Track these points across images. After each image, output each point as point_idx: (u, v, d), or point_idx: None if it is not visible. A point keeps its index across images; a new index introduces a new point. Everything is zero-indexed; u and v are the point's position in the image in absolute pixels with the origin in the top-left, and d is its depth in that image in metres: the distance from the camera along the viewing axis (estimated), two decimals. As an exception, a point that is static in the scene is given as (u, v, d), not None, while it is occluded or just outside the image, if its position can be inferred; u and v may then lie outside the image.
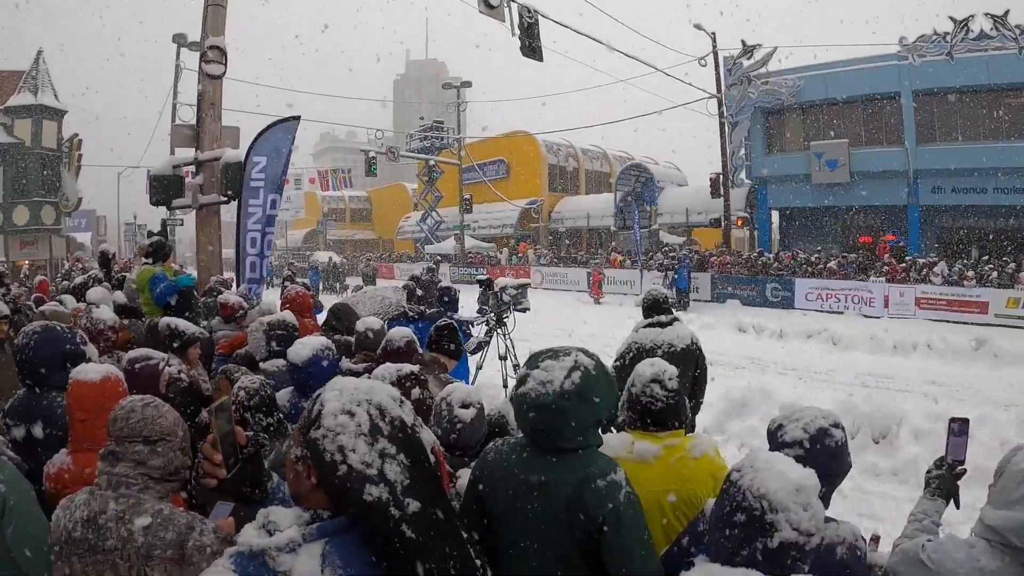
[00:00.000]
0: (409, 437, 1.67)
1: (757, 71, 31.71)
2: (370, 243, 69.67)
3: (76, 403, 2.98)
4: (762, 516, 1.87)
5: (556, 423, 2.30)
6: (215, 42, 11.32)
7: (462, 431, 2.99)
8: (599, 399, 2.34)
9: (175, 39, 27.76)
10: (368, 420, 1.63)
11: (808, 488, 1.91)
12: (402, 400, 1.75)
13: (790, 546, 1.84)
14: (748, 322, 20.73)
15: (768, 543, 1.86)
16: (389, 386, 1.72)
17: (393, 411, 1.68)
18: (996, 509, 2.20)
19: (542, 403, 2.31)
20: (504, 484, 2.37)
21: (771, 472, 1.93)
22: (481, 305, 11.04)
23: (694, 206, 36.90)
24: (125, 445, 2.53)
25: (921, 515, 2.69)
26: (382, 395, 1.70)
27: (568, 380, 2.31)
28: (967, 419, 2.82)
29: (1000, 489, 2.24)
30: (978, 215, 28.47)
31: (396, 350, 4.57)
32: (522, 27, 19.49)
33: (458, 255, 43.69)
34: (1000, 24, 25.40)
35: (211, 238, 11.84)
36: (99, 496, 2.45)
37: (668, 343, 5.70)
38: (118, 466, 2.49)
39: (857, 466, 8.05)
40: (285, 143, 11.33)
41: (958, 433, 2.79)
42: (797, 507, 1.86)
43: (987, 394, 12.36)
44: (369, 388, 1.70)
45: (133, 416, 2.57)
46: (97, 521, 2.38)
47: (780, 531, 1.85)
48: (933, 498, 2.74)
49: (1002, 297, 21.34)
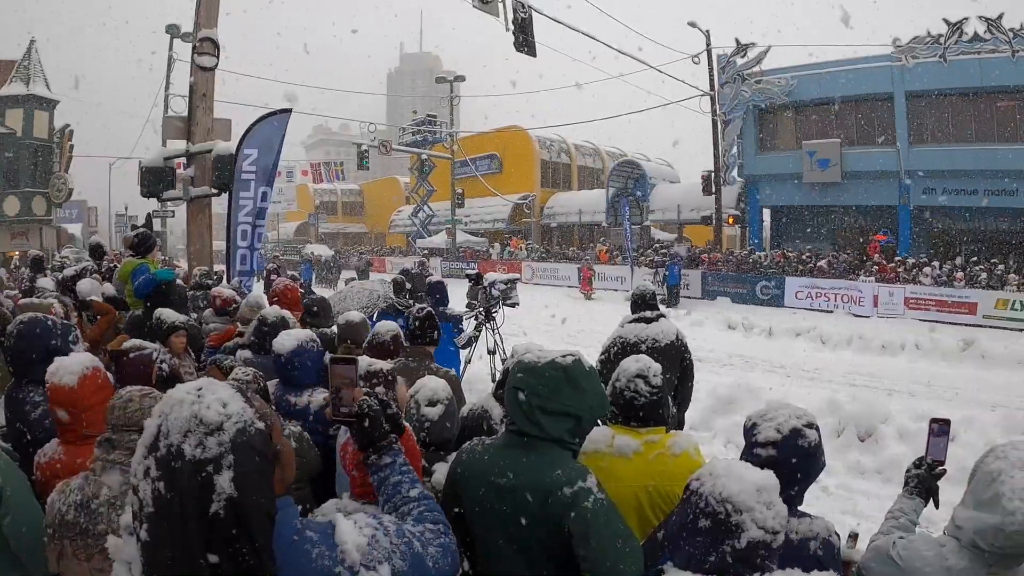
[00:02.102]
0: (173, 469, 1.48)
1: (750, 69, 31.74)
2: (362, 236, 69.55)
3: (56, 405, 2.95)
4: (727, 519, 1.91)
5: (540, 391, 2.32)
6: (208, 34, 11.30)
7: (430, 429, 3.00)
8: (585, 392, 2.36)
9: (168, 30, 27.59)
10: (152, 433, 1.53)
11: (769, 487, 1.95)
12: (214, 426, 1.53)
13: (758, 544, 1.87)
14: (738, 319, 20.82)
15: (736, 544, 1.89)
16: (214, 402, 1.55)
17: (176, 437, 1.49)
18: (965, 509, 2.22)
19: (533, 366, 2.37)
20: (476, 484, 2.39)
21: (731, 476, 1.97)
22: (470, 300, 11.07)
23: (686, 203, 36.91)
24: (121, 433, 2.60)
25: (899, 513, 2.72)
26: (185, 412, 1.53)
27: (563, 359, 2.37)
28: (948, 420, 2.85)
29: (970, 490, 2.26)
30: (969, 217, 28.53)
31: (382, 343, 4.58)
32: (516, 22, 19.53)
33: (449, 249, 43.63)
34: (994, 27, 25.44)
35: (202, 230, 11.82)
36: (93, 481, 2.52)
37: (652, 338, 5.73)
38: (113, 453, 2.57)
39: (842, 464, 8.13)
40: (277, 136, 11.33)
41: (939, 434, 2.82)
42: (761, 506, 1.90)
43: (974, 395, 12.42)
44: (179, 401, 1.55)
45: (131, 406, 2.63)
46: (90, 505, 2.45)
47: (747, 531, 1.88)
48: (912, 497, 2.77)
49: (991, 298, 21.43)
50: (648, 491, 2.86)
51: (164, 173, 11.65)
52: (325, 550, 1.65)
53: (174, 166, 12.16)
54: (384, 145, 41.80)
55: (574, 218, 45.38)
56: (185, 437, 1.49)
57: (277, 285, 7.52)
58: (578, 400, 2.34)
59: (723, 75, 32.25)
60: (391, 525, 1.83)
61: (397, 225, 58.34)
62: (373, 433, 2.12)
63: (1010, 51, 25.06)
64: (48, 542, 2.49)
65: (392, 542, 1.77)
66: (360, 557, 1.67)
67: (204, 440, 1.48)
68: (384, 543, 1.75)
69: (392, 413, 2.21)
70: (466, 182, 45.75)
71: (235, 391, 1.62)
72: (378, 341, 4.65)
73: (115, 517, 2.36)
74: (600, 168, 52.20)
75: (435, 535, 1.93)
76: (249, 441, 1.54)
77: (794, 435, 2.48)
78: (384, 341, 4.63)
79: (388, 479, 2.08)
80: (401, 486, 2.07)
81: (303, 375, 4.23)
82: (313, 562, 1.63)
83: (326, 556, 1.64)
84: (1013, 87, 25.58)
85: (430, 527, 1.95)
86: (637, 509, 2.86)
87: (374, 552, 1.71)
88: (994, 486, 2.12)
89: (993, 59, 25.53)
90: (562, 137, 51.15)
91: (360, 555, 1.67)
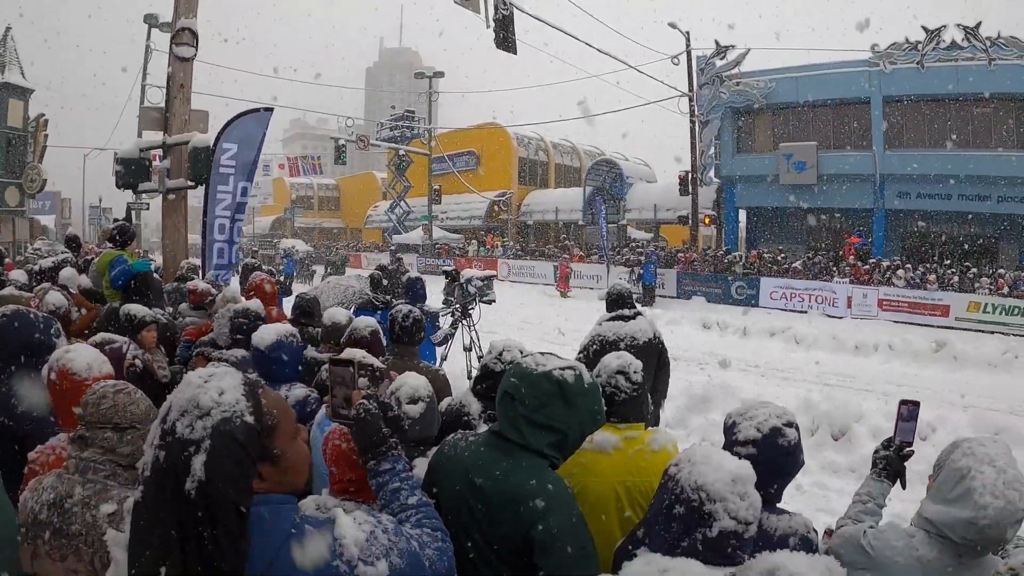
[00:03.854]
0: (167, 442, 1.55)
1: (729, 72, 31.88)
2: (338, 232, 69.29)
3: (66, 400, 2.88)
4: (700, 507, 1.92)
5: (528, 401, 2.30)
6: (187, 24, 11.16)
7: (410, 427, 2.98)
8: (578, 409, 2.32)
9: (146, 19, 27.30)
10: (166, 407, 1.62)
11: (744, 478, 1.96)
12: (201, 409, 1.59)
13: (729, 535, 1.88)
14: (713, 319, 20.92)
15: (708, 532, 1.90)
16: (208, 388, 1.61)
17: (175, 414, 1.58)
18: (934, 504, 2.29)
19: (528, 374, 2.33)
20: (453, 479, 2.38)
21: (708, 465, 1.98)
22: (447, 296, 11.05)
23: (662, 203, 37.06)
24: (95, 431, 2.51)
25: (866, 496, 2.77)
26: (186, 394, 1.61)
27: (562, 372, 2.32)
28: (918, 402, 2.87)
29: (938, 485, 2.32)
30: (942, 220, 28.92)
31: (360, 339, 4.53)
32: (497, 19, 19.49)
33: (426, 245, 43.55)
34: (971, 35, 25.75)
35: (177, 223, 11.69)
36: (66, 480, 2.44)
37: (631, 336, 5.75)
38: (87, 451, 2.48)
39: (816, 463, 8.19)
40: (258, 132, 11.24)
41: (907, 417, 2.84)
42: (734, 496, 1.91)
43: (946, 396, 12.55)
44: (189, 383, 1.64)
45: (104, 403, 2.55)
46: (63, 505, 2.37)
47: (719, 520, 1.89)
48: (879, 479, 2.81)
49: (963, 301, 21.70)
50: (627, 486, 2.87)
51: (140, 164, 11.53)
52: (323, 544, 1.65)
53: (150, 158, 12.03)
54: (362, 140, 41.67)
55: (551, 216, 45.46)
56: (181, 416, 1.57)
57: (254, 278, 7.45)
58: (567, 416, 2.31)
59: (702, 76, 32.36)
60: (389, 523, 1.83)
61: (373, 221, 58.18)
62: (372, 437, 2.12)
63: (987, 59, 25.37)
64: (21, 541, 2.42)
65: (390, 539, 1.78)
66: (359, 552, 1.68)
67: (194, 422, 1.55)
68: (383, 540, 1.76)
69: (393, 416, 2.21)
70: (443, 178, 45.76)
71: (242, 383, 1.66)
72: (357, 337, 4.59)
73: (89, 517, 2.30)
74: (578, 166, 52.31)
75: (433, 539, 1.93)
76: (231, 431, 1.56)
77: (774, 434, 2.48)
78: (363, 337, 4.58)
79: (387, 485, 2.08)
80: (400, 493, 2.06)
81: (281, 370, 4.19)
82: (310, 554, 1.62)
83: (324, 549, 1.64)
84: (989, 95, 25.87)
85: (428, 532, 1.95)
86: (616, 504, 2.87)
87: (372, 548, 1.71)
88: (964, 483, 2.19)
89: (970, 67, 25.86)
90: (540, 135, 51.19)
91: (358, 550, 1.68)
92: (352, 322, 5.16)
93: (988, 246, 28.38)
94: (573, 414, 2.32)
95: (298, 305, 6.74)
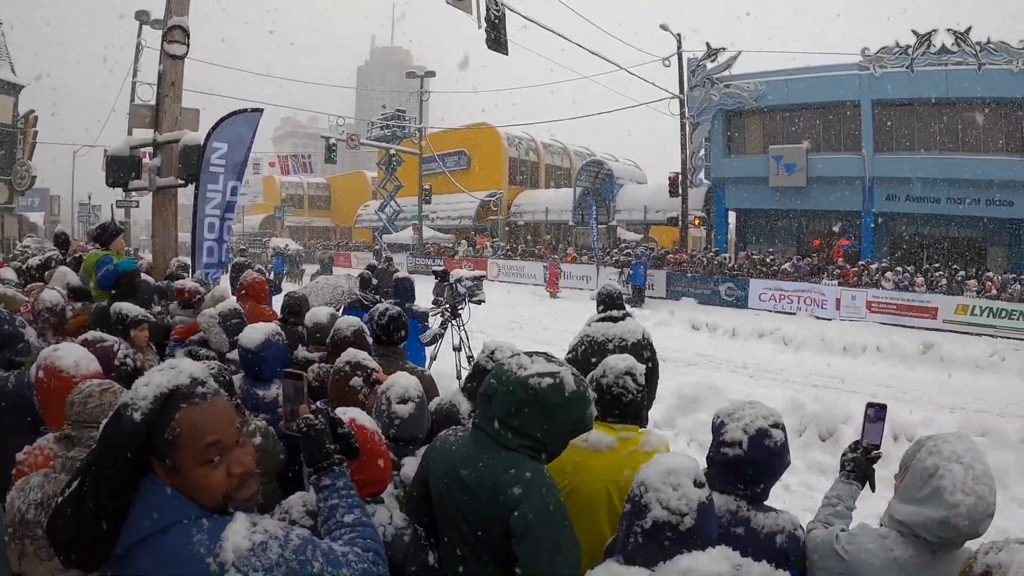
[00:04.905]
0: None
1: (720, 74, 31.97)
2: (328, 231, 69.12)
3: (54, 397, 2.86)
4: (640, 499, 1.97)
5: (503, 404, 2.32)
6: (178, 21, 11.12)
7: (400, 427, 2.98)
8: (555, 419, 2.32)
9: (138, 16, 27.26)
10: None
11: (679, 471, 1.99)
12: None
13: (663, 525, 1.90)
14: (702, 320, 20.93)
15: (643, 524, 1.93)
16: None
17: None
18: (904, 504, 2.30)
19: (506, 378, 2.35)
20: (442, 472, 2.42)
21: (653, 463, 2.04)
22: (436, 296, 11.05)
23: (652, 204, 37.10)
24: (81, 430, 2.52)
25: (835, 499, 2.78)
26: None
27: (539, 380, 2.31)
28: (884, 405, 2.90)
29: (906, 485, 2.33)
30: (931, 223, 29.09)
31: (344, 339, 4.50)
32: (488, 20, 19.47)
33: (416, 245, 43.46)
34: (962, 40, 25.88)
35: (167, 221, 11.64)
36: (53, 479, 2.45)
37: (620, 337, 5.75)
38: (73, 450, 2.49)
39: (804, 463, 8.23)
40: (248, 132, 11.24)
41: (874, 419, 2.87)
42: (666, 487, 1.94)
43: (933, 397, 12.62)
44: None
45: (90, 402, 2.56)
46: (50, 504, 2.36)
47: (651, 510, 1.92)
48: (848, 482, 2.82)
49: (951, 304, 21.80)
50: (619, 486, 2.88)
51: (130, 162, 11.49)
52: (206, 539, 1.64)
53: (140, 155, 11.98)
54: (352, 139, 41.54)
55: (541, 216, 45.37)
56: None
57: (246, 277, 7.42)
58: (545, 425, 2.31)
59: (693, 78, 32.49)
60: (296, 540, 1.76)
61: (364, 220, 58.05)
62: (314, 452, 2.12)
63: (976, 64, 25.50)
64: (9, 541, 2.42)
65: (284, 556, 1.70)
66: (234, 558, 1.63)
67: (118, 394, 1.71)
68: (272, 554, 1.68)
69: (343, 432, 2.20)
70: (434, 178, 45.61)
71: (167, 388, 1.71)
72: (340, 337, 4.55)
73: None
74: (568, 167, 52.26)
75: (359, 560, 1.86)
76: (120, 414, 1.69)
77: (761, 435, 2.49)
78: (345, 337, 4.54)
79: (327, 500, 2.07)
80: (337, 510, 2.04)
81: (269, 368, 4.24)
82: (191, 546, 1.62)
83: (204, 544, 1.63)
84: (978, 99, 26.01)
85: (358, 552, 1.90)
86: (608, 503, 2.90)
87: (253, 559, 1.65)
88: (933, 481, 2.19)
89: (960, 71, 25.97)
90: (530, 135, 51.15)
91: (235, 556, 1.63)
92: (334, 320, 5.15)
93: (976, 249, 28.55)
94: (550, 424, 2.31)
95: (287, 304, 6.71)
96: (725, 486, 2.53)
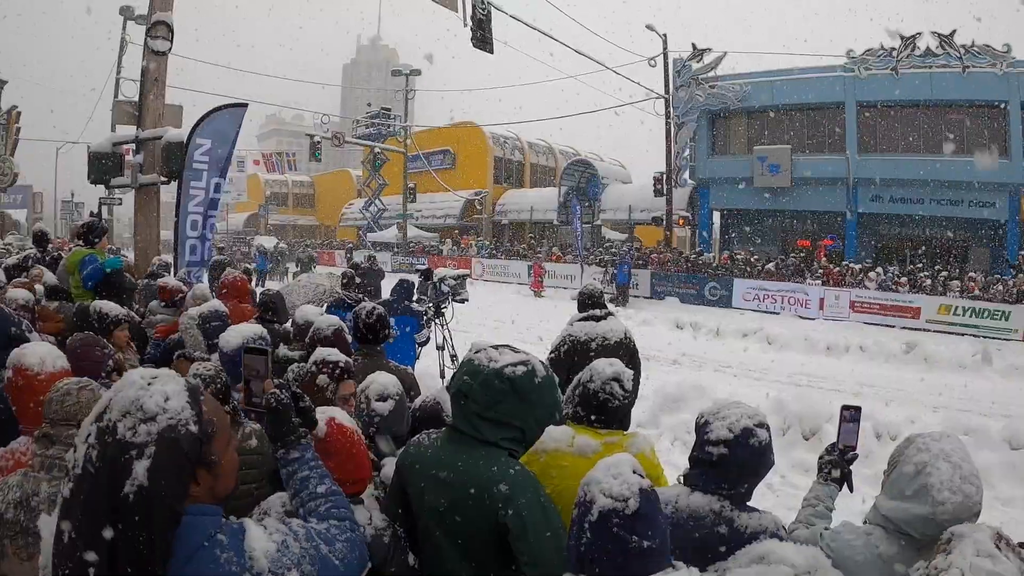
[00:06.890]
0: (105, 442, 1.55)
1: (706, 74, 32.08)
2: (312, 229, 68.99)
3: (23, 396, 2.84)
4: (584, 498, 1.93)
5: (480, 398, 2.32)
6: (162, 17, 11.03)
7: (380, 424, 2.97)
8: (533, 404, 2.35)
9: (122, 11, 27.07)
10: (103, 404, 1.62)
11: (619, 463, 1.97)
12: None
13: (610, 513, 1.86)
14: (686, 320, 21.01)
15: (591, 518, 1.89)
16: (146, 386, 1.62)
17: (116, 414, 1.58)
18: (891, 500, 2.31)
19: (478, 371, 2.35)
20: (419, 476, 2.41)
21: (597, 465, 2.00)
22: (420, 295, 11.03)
23: (637, 203, 37.15)
24: (59, 428, 2.53)
25: (815, 500, 2.81)
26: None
27: (513, 369, 2.33)
28: (859, 407, 2.97)
29: (893, 482, 2.34)
30: (914, 225, 29.32)
31: (324, 339, 4.48)
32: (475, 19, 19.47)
33: (400, 244, 43.41)
34: (946, 43, 26.13)
35: (150, 219, 11.55)
36: (32, 478, 2.47)
37: (602, 336, 5.74)
38: (52, 448, 2.50)
39: (787, 462, 8.23)
40: (232, 128, 11.11)
41: (850, 420, 2.92)
42: (607, 476, 1.92)
43: (916, 397, 12.67)
44: (131, 383, 1.63)
45: (68, 400, 2.57)
46: (29, 503, 2.39)
47: (596, 502, 1.89)
48: (826, 483, 2.86)
49: (934, 304, 21.91)
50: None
51: (112, 159, 11.38)
52: (234, 556, 1.62)
53: (123, 152, 11.89)
54: (337, 137, 41.49)
55: (526, 215, 45.48)
56: (123, 417, 1.55)
57: (227, 276, 7.38)
58: (522, 412, 2.35)
59: (678, 79, 32.63)
60: (300, 530, 1.82)
61: (348, 218, 57.96)
62: (281, 427, 2.12)
63: (961, 67, 25.69)
64: None
65: (302, 547, 1.76)
66: (268, 564, 1.65)
67: (137, 425, 1.54)
68: (294, 549, 1.73)
69: (305, 407, 2.21)
70: (419, 177, 45.64)
71: (186, 389, 1.65)
72: (319, 336, 4.53)
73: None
74: (553, 166, 52.42)
75: (340, 531, 1.92)
76: (176, 438, 1.57)
77: (745, 435, 2.48)
78: (325, 336, 4.52)
79: (296, 473, 2.09)
80: (309, 481, 2.06)
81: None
82: (221, 568, 1.59)
83: (234, 562, 1.61)
84: (962, 101, 26.20)
85: (335, 523, 1.94)
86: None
87: (283, 559, 1.69)
88: (920, 479, 2.21)
89: (944, 74, 26.22)
90: (516, 134, 51.22)
91: (268, 562, 1.65)
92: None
93: (959, 250, 28.80)
94: (527, 409, 2.35)
95: (263, 302, 6.66)
96: (708, 486, 2.52)
